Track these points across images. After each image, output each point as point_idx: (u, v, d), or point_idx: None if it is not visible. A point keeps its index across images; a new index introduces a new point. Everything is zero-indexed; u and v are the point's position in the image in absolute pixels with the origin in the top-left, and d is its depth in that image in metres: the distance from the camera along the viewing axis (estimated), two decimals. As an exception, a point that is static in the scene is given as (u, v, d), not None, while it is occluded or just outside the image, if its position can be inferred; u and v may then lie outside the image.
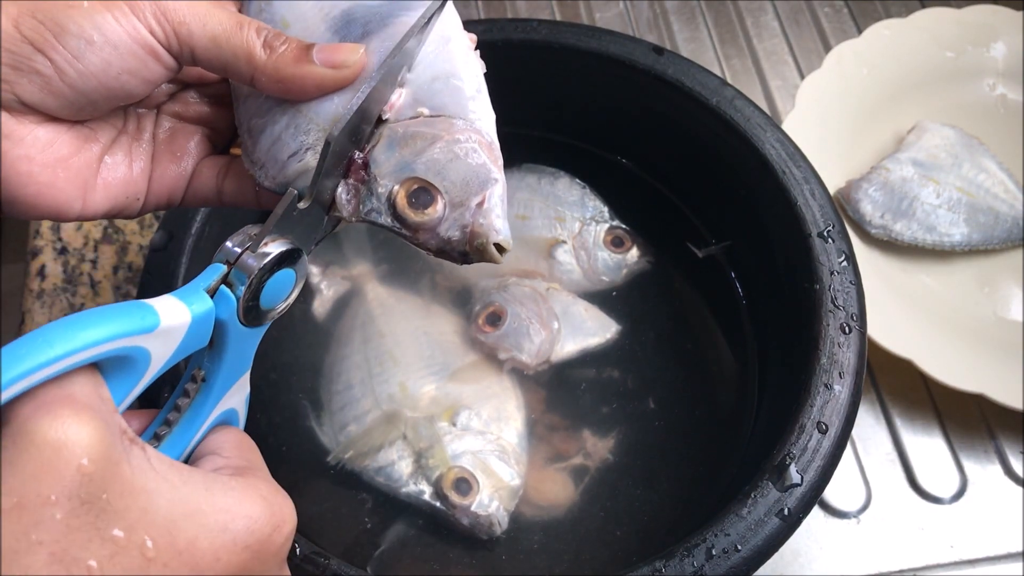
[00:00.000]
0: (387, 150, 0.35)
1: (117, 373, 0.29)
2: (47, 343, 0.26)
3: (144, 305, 0.30)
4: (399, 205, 0.34)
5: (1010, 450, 0.58)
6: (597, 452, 0.52)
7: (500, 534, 0.49)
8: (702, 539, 0.40)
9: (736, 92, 0.53)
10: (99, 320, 0.28)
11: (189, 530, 0.27)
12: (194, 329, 0.31)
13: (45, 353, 0.26)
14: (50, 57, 0.31)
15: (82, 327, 0.27)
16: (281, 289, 0.34)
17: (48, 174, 0.33)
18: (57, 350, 0.26)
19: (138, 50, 0.32)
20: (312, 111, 0.35)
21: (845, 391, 0.44)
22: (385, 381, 0.53)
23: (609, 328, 0.56)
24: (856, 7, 0.78)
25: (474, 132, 0.35)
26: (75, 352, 0.27)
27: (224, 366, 0.34)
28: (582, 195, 0.60)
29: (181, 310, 0.31)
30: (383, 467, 0.50)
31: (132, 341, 0.29)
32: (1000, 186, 0.65)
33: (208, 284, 0.32)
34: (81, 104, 0.33)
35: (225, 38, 0.33)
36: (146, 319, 0.29)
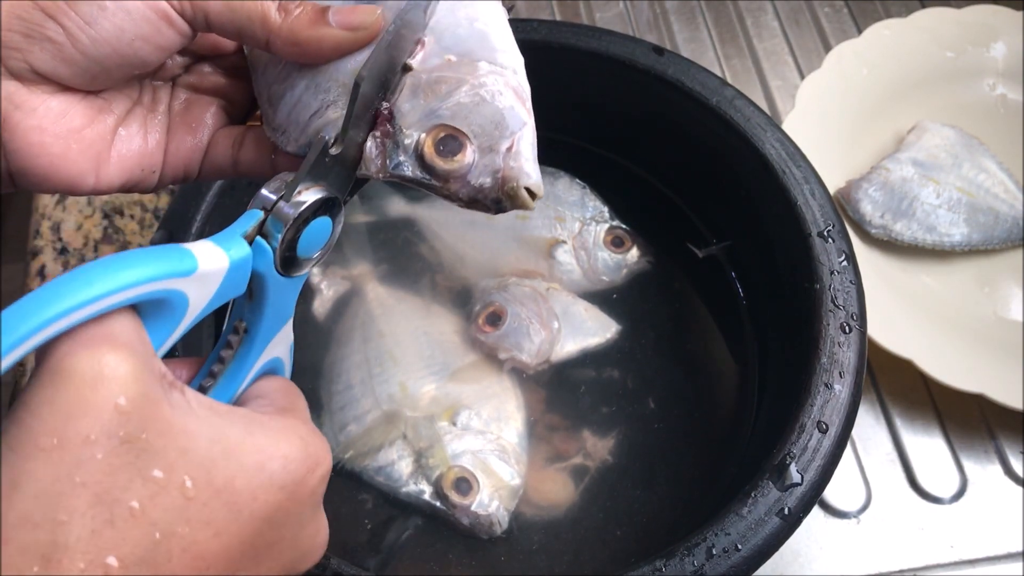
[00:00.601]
0: (411, 98, 0.34)
1: (155, 317, 0.29)
2: (87, 282, 0.26)
3: (182, 249, 0.29)
4: (427, 155, 0.33)
5: (1010, 450, 0.58)
6: (597, 452, 0.52)
7: (500, 534, 0.49)
8: (702, 538, 0.40)
9: (736, 92, 0.53)
10: (139, 261, 0.27)
11: (227, 469, 0.27)
12: (232, 275, 0.31)
13: (85, 292, 0.26)
14: (62, 23, 0.30)
15: (122, 267, 0.27)
16: (318, 237, 0.34)
17: (61, 145, 0.33)
18: (97, 289, 0.26)
19: (152, 15, 0.32)
20: (333, 68, 0.35)
21: (845, 391, 0.44)
22: (385, 381, 0.53)
23: (609, 328, 0.56)
24: (856, 7, 0.78)
25: (500, 75, 0.34)
26: (115, 292, 0.26)
27: (265, 316, 0.34)
28: (582, 195, 0.60)
29: (219, 255, 0.30)
30: (383, 467, 0.50)
31: (171, 284, 0.28)
32: (1000, 186, 0.65)
33: (245, 230, 0.32)
34: (95, 72, 0.32)
35: (240, 3, 0.33)
36: (184, 262, 0.29)
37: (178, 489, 0.26)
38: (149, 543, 0.25)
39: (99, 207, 0.66)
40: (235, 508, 0.27)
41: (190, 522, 0.26)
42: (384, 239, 0.60)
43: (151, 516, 0.25)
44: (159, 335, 0.30)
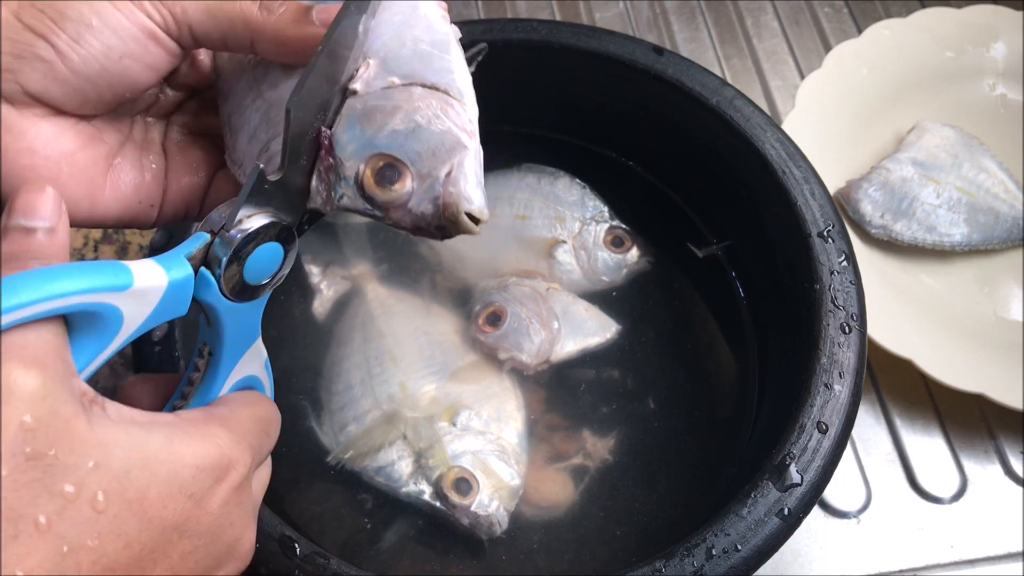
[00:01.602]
0: (348, 128, 0.33)
1: (86, 331, 0.29)
2: (11, 289, 0.26)
3: (119, 264, 0.29)
4: (367, 185, 0.33)
5: (1010, 450, 0.58)
6: (597, 452, 0.52)
7: (500, 534, 0.49)
8: (702, 539, 0.40)
9: (736, 92, 0.53)
10: (70, 273, 0.27)
11: (141, 479, 0.27)
12: (171, 294, 0.31)
13: (8, 299, 0.25)
14: (51, 42, 0.31)
15: (51, 278, 0.27)
16: (268, 264, 0.33)
17: (52, 168, 0.33)
18: (21, 297, 0.26)
19: (137, 33, 0.32)
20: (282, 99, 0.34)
21: (845, 391, 0.44)
22: (385, 381, 0.53)
23: (609, 328, 0.56)
24: (856, 7, 0.78)
25: (436, 98, 0.33)
26: (39, 301, 0.26)
27: (225, 340, 0.34)
28: (582, 195, 0.60)
29: (158, 273, 0.30)
30: (383, 467, 0.50)
31: (103, 297, 0.28)
32: (1000, 186, 0.65)
33: (190, 252, 0.32)
34: (86, 92, 0.32)
35: (218, 7, 0.33)
36: (119, 277, 0.29)
37: (88, 503, 0.26)
38: (56, 557, 0.25)
39: (99, 207, 0.66)
40: (146, 518, 0.27)
41: (100, 535, 0.26)
42: (384, 239, 0.60)
43: (58, 530, 0.25)
44: (90, 349, 0.29)
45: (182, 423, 0.30)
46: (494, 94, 0.39)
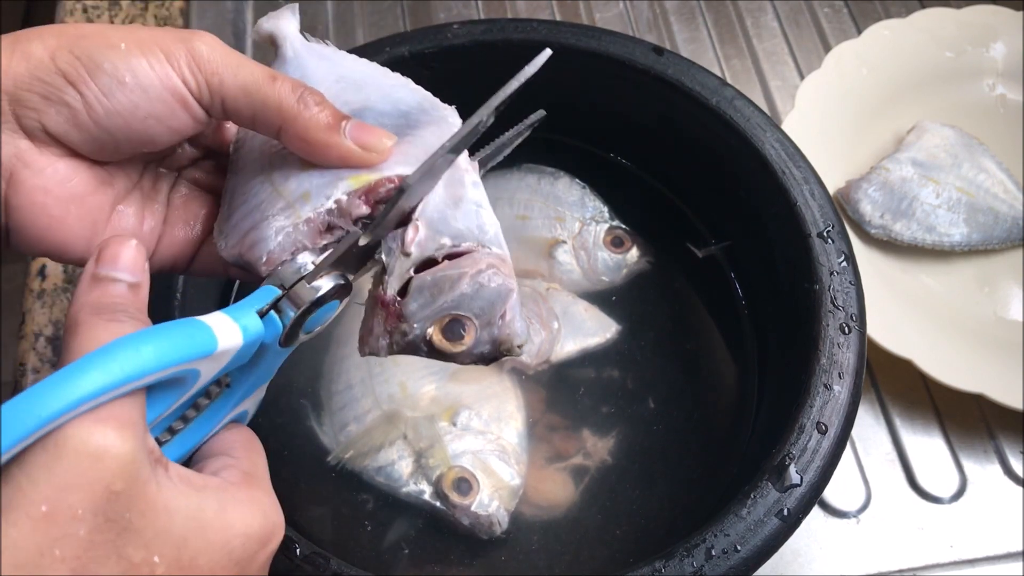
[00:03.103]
0: (418, 298, 0.35)
1: (163, 390, 0.30)
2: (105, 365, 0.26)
3: (203, 328, 0.30)
4: (436, 342, 0.36)
5: (1010, 450, 0.58)
6: (597, 452, 0.52)
7: (500, 534, 0.49)
8: (702, 539, 0.40)
9: (736, 92, 0.53)
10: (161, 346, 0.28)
11: (195, 546, 0.28)
12: (243, 351, 0.32)
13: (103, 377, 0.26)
14: (81, 91, 0.31)
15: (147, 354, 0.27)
16: (324, 317, 0.35)
17: (61, 209, 0.33)
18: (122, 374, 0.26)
19: (168, 97, 0.32)
20: (288, 190, 0.35)
21: (845, 391, 0.44)
22: (385, 381, 0.53)
23: (609, 328, 0.56)
24: (856, 7, 0.78)
25: (491, 256, 0.36)
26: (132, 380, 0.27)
27: (252, 377, 0.35)
28: (582, 195, 0.60)
29: (235, 334, 0.31)
30: (383, 467, 0.50)
31: (188, 365, 0.29)
32: (1000, 186, 0.65)
33: (260, 306, 0.32)
34: (104, 142, 0.33)
35: (256, 88, 0.33)
36: (207, 344, 0.29)
37: (148, 566, 0.27)
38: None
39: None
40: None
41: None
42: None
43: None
44: (161, 405, 0.30)
45: (231, 488, 0.31)
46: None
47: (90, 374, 0.26)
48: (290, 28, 0.43)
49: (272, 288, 0.33)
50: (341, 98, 0.37)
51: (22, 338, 0.61)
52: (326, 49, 0.42)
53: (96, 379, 0.26)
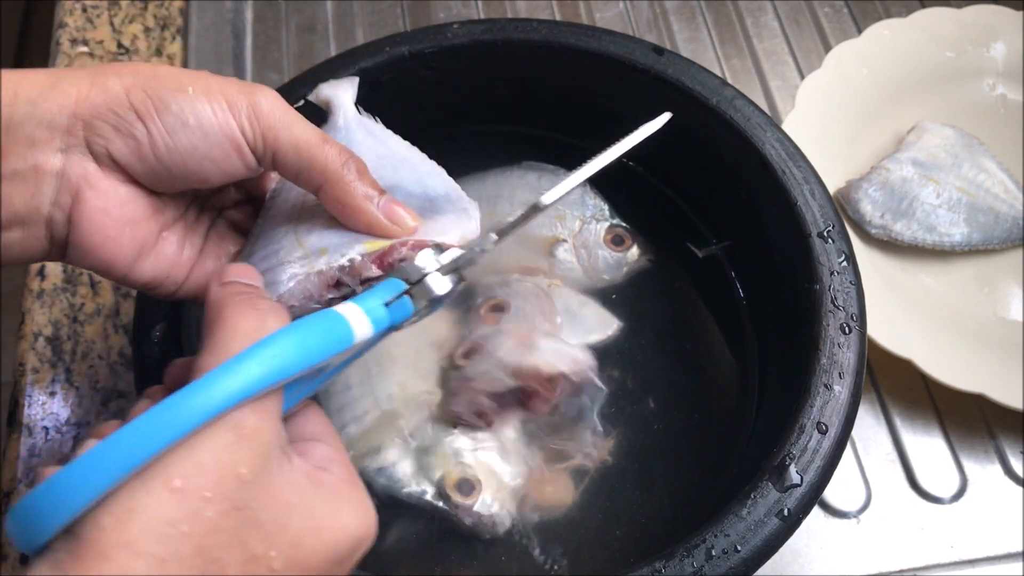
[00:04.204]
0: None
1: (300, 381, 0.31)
2: (261, 360, 0.28)
3: (344, 323, 0.31)
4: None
5: (1010, 450, 0.58)
6: (597, 453, 0.52)
7: (502, 534, 0.49)
8: (702, 540, 0.40)
9: (736, 92, 0.53)
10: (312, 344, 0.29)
11: (310, 545, 0.29)
12: (369, 341, 0.33)
13: (272, 375, 0.28)
14: (148, 127, 0.34)
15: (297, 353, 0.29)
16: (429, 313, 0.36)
17: (116, 229, 0.35)
18: (285, 371, 0.28)
19: (225, 143, 0.35)
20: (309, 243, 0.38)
21: (845, 391, 0.44)
22: (385, 381, 0.53)
23: (611, 324, 0.56)
24: (856, 7, 0.78)
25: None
26: (286, 376, 0.28)
27: (339, 366, 0.35)
28: (582, 193, 0.60)
29: (367, 326, 0.32)
30: (384, 467, 0.50)
31: (329, 359, 0.31)
32: (1000, 186, 0.65)
33: (387, 299, 0.34)
34: (161, 175, 0.35)
35: (307, 148, 0.36)
36: (345, 338, 0.31)
37: (266, 561, 0.28)
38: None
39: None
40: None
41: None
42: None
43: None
44: (296, 394, 0.31)
45: (343, 489, 0.31)
46: (494, 94, 0.39)
47: (253, 371, 0.28)
48: (347, 98, 0.46)
49: (397, 281, 0.35)
50: (378, 172, 0.39)
51: (22, 338, 0.61)
52: (375, 126, 0.45)
53: (256, 376, 0.28)
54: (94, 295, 0.62)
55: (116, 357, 0.60)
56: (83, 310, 0.62)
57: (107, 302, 0.62)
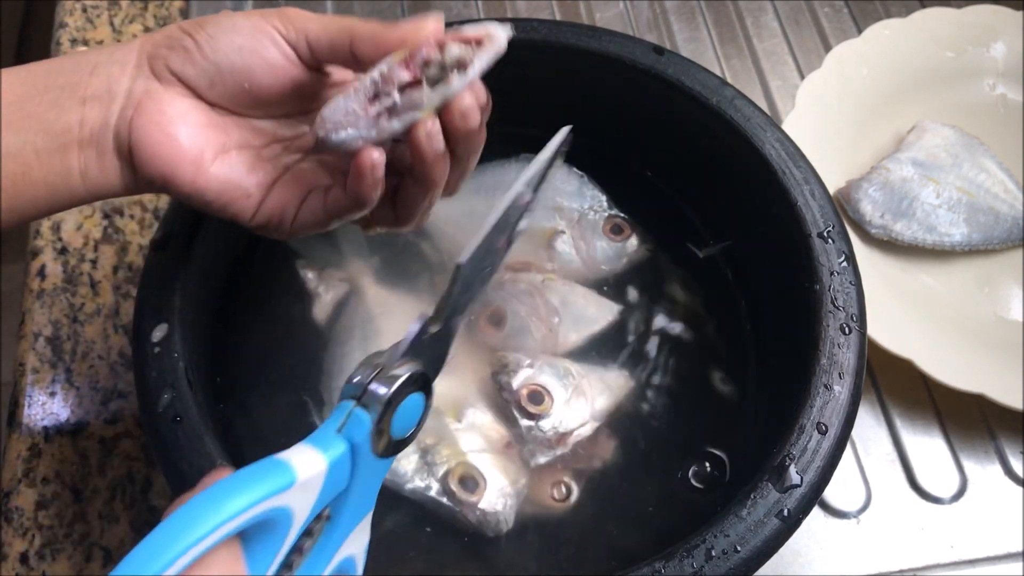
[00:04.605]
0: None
1: (261, 539, 0.29)
2: (187, 527, 0.27)
3: (278, 463, 0.30)
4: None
5: (1010, 450, 0.58)
6: (598, 452, 0.52)
7: (505, 532, 0.49)
8: (701, 540, 0.40)
9: (736, 92, 0.53)
10: (236, 490, 0.28)
11: None
12: (332, 475, 0.31)
13: (185, 539, 0.26)
14: (194, 38, 0.39)
15: (220, 503, 0.27)
16: (411, 416, 0.35)
17: (172, 127, 0.39)
18: (197, 532, 0.26)
19: (259, 35, 0.39)
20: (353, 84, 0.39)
21: (845, 391, 0.44)
22: (387, 380, 0.53)
23: (611, 311, 0.56)
24: (856, 7, 0.78)
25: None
26: (212, 532, 0.27)
27: (351, 500, 0.33)
28: (580, 184, 0.60)
29: (316, 459, 0.31)
30: (384, 466, 0.50)
31: (271, 503, 0.29)
32: (1000, 186, 0.65)
33: (338, 425, 0.33)
34: (212, 75, 0.39)
35: (332, 21, 0.40)
36: (283, 477, 0.29)
37: None
38: None
39: (99, 207, 0.66)
40: None
41: None
42: (384, 238, 0.60)
43: None
44: (267, 553, 0.30)
45: None
46: (494, 94, 0.39)
47: (174, 535, 0.26)
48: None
49: (347, 403, 0.33)
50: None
51: (22, 338, 0.61)
52: None
53: (178, 541, 0.26)
54: (94, 295, 0.62)
55: (116, 357, 0.60)
56: (83, 310, 0.62)
57: (107, 302, 0.62)
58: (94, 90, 0.39)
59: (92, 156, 0.39)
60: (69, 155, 0.39)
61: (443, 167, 0.40)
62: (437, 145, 0.38)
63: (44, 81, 0.39)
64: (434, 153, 0.38)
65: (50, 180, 0.39)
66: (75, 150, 0.39)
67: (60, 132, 0.38)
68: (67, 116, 0.38)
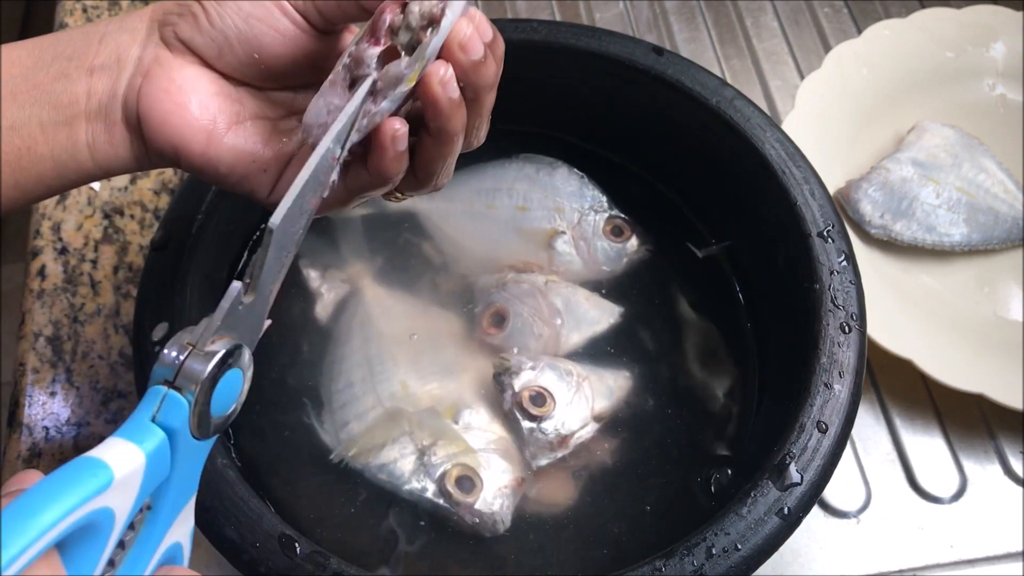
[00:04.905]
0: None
1: (82, 542, 0.28)
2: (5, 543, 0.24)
3: (94, 461, 0.28)
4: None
5: (1010, 450, 0.58)
6: (598, 451, 0.52)
7: (503, 532, 0.49)
8: (702, 538, 0.40)
9: (736, 92, 0.53)
10: (50, 500, 0.26)
11: None
12: (151, 467, 0.30)
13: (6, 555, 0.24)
14: (202, 4, 0.38)
15: (34, 513, 0.25)
16: (231, 392, 0.33)
17: (182, 97, 0.38)
18: (12, 551, 0.24)
19: (267, 2, 0.37)
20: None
21: (845, 391, 0.44)
22: (386, 380, 0.53)
23: (612, 313, 0.56)
24: (856, 7, 0.78)
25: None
26: (25, 551, 0.25)
27: (171, 488, 0.31)
28: (580, 185, 0.60)
29: (133, 453, 0.29)
30: (385, 464, 0.50)
31: (89, 507, 0.27)
32: (1000, 186, 0.65)
33: (151, 412, 0.30)
34: (220, 43, 0.38)
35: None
36: (99, 478, 0.27)
37: None
38: None
39: (99, 207, 0.66)
40: None
41: None
42: (384, 238, 0.60)
43: None
44: (90, 558, 0.28)
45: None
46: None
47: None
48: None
49: (158, 388, 0.31)
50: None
51: (22, 338, 0.61)
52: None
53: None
54: (94, 295, 0.63)
55: (116, 357, 0.60)
56: (83, 310, 0.62)
57: (107, 302, 0.62)
58: (103, 59, 0.38)
59: (100, 128, 0.38)
60: (76, 128, 0.38)
61: (460, 116, 0.37)
62: (451, 92, 0.35)
63: (52, 51, 0.38)
64: (448, 100, 0.35)
65: (57, 155, 0.37)
66: (82, 123, 0.38)
67: (67, 104, 0.37)
68: (74, 87, 0.37)
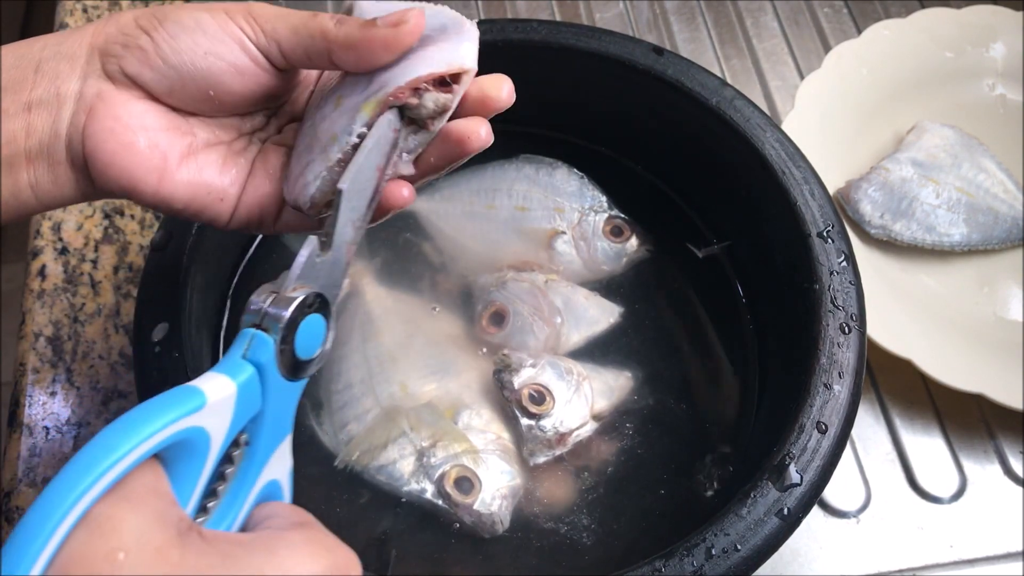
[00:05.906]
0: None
1: (183, 458, 0.31)
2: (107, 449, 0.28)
3: (190, 388, 0.31)
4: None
5: (1010, 450, 0.58)
6: (597, 451, 0.52)
7: (502, 533, 0.49)
8: (701, 539, 0.40)
9: (736, 92, 0.53)
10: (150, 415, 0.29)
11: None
12: (242, 397, 0.32)
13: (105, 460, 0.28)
14: (152, 36, 0.36)
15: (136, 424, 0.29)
16: (314, 336, 0.35)
17: (129, 135, 0.36)
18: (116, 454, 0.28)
19: (226, 38, 0.36)
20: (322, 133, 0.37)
21: (845, 391, 0.44)
22: (386, 380, 0.53)
23: (612, 312, 0.56)
24: (856, 7, 0.78)
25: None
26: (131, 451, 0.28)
27: (265, 424, 0.34)
28: (580, 185, 0.60)
29: (225, 383, 0.32)
30: (384, 466, 0.50)
31: (185, 423, 0.30)
32: (1000, 186, 0.65)
33: (243, 350, 0.33)
34: (172, 79, 0.36)
35: (303, 24, 0.36)
36: (193, 400, 0.30)
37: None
38: None
39: (99, 207, 0.66)
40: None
41: None
42: (384, 238, 0.60)
43: None
44: (191, 473, 0.31)
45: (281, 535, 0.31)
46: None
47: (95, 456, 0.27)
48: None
49: (247, 330, 0.34)
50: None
51: (22, 338, 0.61)
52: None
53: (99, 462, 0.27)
54: (94, 295, 0.63)
55: (116, 357, 0.60)
56: (83, 310, 0.62)
57: (107, 302, 0.62)
58: (40, 93, 0.35)
59: (43, 169, 0.36)
60: (17, 170, 0.35)
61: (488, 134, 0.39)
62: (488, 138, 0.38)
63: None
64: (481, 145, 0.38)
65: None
66: (23, 163, 0.35)
67: (4, 143, 0.35)
68: (11, 124, 0.35)
